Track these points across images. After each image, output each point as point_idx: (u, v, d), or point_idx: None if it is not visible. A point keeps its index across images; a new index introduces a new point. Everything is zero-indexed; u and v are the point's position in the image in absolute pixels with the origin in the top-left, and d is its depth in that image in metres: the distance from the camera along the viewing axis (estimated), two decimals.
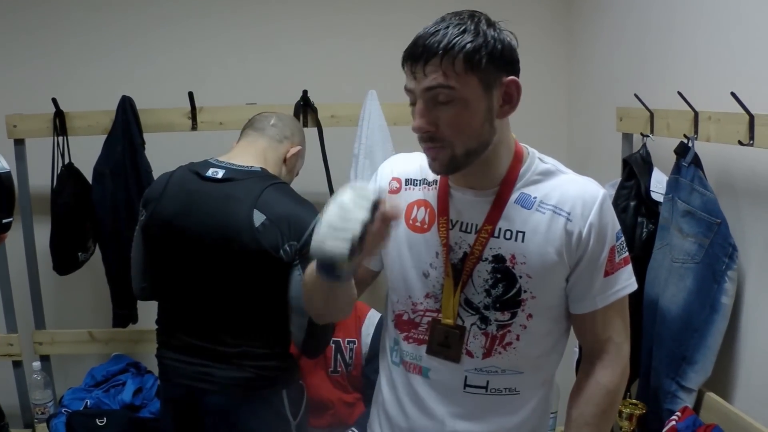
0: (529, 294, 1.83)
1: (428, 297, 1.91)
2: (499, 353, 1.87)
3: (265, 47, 4.02)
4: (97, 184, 3.50)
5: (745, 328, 2.62)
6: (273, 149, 2.67)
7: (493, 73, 1.70)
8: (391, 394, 2.05)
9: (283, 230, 2.42)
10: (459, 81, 1.66)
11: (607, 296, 1.88)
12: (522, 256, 1.81)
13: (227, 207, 2.45)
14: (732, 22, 2.67)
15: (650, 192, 2.94)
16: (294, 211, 2.46)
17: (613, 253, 1.86)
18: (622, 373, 1.93)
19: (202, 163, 2.60)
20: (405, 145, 2.35)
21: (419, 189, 1.95)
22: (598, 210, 1.81)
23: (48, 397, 3.59)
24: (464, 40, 1.65)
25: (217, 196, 2.48)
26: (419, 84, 1.69)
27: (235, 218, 2.43)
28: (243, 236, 2.41)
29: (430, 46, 1.66)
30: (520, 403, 1.94)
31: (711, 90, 2.70)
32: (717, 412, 2.60)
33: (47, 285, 3.78)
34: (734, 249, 2.54)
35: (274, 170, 2.64)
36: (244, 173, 2.52)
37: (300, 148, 2.77)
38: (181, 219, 2.52)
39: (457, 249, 1.87)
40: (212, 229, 2.46)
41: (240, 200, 2.45)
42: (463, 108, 1.69)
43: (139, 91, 3.60)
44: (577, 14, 4.09)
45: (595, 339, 1.93)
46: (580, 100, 4.12)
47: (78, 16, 3.88)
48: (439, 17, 1.72)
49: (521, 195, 1.84)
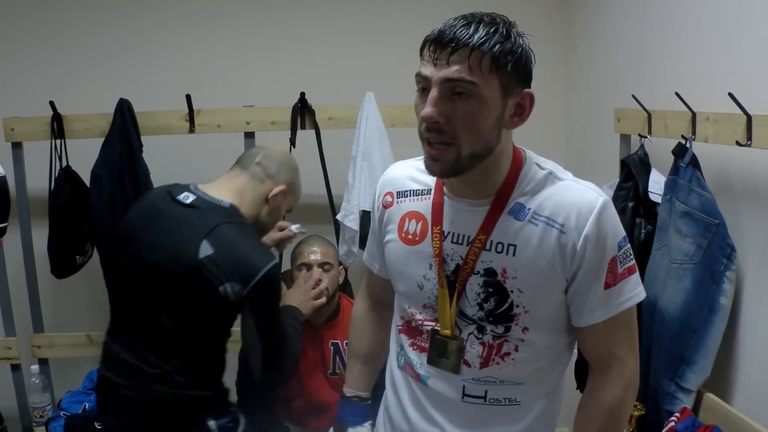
0: (522, 308, 1.77)
1: (426, 308, 1.89)
2: (497, 363, 1.82)
3: (263, 50, 4.03)
4: (94, 187, 3.50)
5: (744, 329, 2.62)
6: (253, 188, 2.64)
7: (513, 81, 1.66)
8: (395, 397, 2.04)
9: (228, 269, 2.37)
10: (482, 79, 1.60)
11: (609, 309, 1.78)
12: (513, 270, 1.75)
13: (180, 231, 2.45)
14: (729, 23, 2.67)
15: (648, 193, 2.94)
16: (244, 253, 2.41)
17: (615, 263, 1.76)
18: (625, 388, 1.84)
19: (182, 186, 2.61)
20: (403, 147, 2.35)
21: (410, 200, 1.92)
22: (594, 220, 1.71)
23: (46, 401, 3.59)
24: (495, 40, 1.60)
25: (176, 218, 2.48)
26: (439, 71, 1.61)
27: (184, 244, 2.41)
28: (185, 263, 2.38)
29: (460, 36, 1.58)
30: (522, 413, 1.88)
31: (709, 91, 2.70)
32: (716, 413, 2.60)
33: (45, 288, 3.78)
34: (732, 249, 2.54)
35: (251, 209, 2.62)
36: (210, 205, 2.51)
37: (284, 187, 2.68)
38: (138, 230, 2.56)
39: (449, 261, 1.82)
40: (161, 248, 2.46)
41: (194, 228, 2.43)
42: (480, 106, 1.62)
43: (137, 93, 3.60)
44: (574, 16, 4.10)
45: (598, 353, 1.86)
46: (577, 101, 4.12)
47: (75, 20, 3.88)
48: (467, 14, 1.65)
49: (516, 205, 1.76)
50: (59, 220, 3.53)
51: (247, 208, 2.58)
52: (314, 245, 3.18)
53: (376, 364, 2.25)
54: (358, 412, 2.21)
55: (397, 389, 2.02)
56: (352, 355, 2.30)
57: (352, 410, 2.22)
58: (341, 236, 3.66)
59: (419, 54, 1.68)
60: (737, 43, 2.62)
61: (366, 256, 2.21)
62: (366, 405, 2.22)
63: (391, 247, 1.95)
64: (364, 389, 2.24)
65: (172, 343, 2.48)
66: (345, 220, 3.58)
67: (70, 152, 3.57)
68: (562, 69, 4.19)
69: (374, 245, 2.13)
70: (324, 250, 3.20)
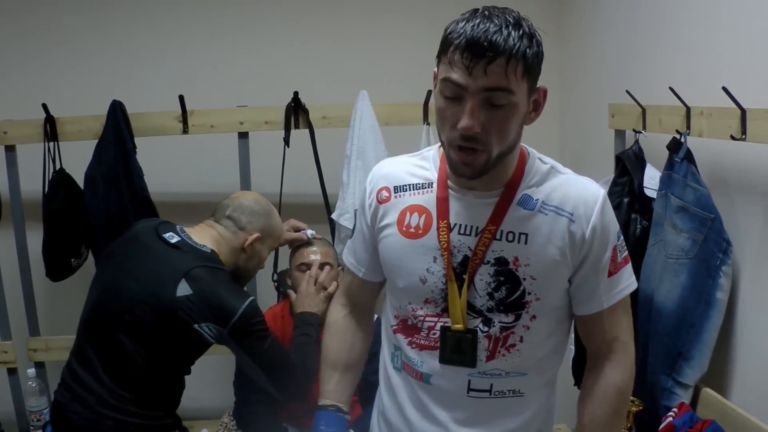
0: (534, 296, 1.81)
1: (427, 302, 1.88)
2: (503, 355, 1.85)
3: (256, 49, 4.02)
4: (88, 189, 3.48)
5: (740, 323, 2.62)
6: (227, 240, 2.74)
7: (536, 81, 1.69)
8: (391, 400, 2.03)
9: (205, 310, 2.46)
10: (517, 86, 1.62)
11: (612, 296, 1.87)
12: (525, 258, 1.79)
13: (161, 268, 2.54)
14: (723, 17, 2.67)
15: (643, 188, 2.94)
16: (219, 295, 2.51)
17: (616, 252, 1.85)
18: (630, 371, 1.92)
19: (169, 225, 2.73)
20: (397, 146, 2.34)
21: (410, 194, 1.92)
22: (600, 210, 1.80)
23: (43, 404, 3.58)
24: (526, 44, 1.60)
25: (159, 256, 2.58)
26: (476, 82, 1.59)
27: (162, 280, 2.50)
28: (162, 298, 2.47)
29: (496, 45, 1.57)
30: (524, 405, 1.91)
31: (703, 85, 2.69)
32: (714, 408, 2.60)
33: (41, 291, 3.78)
34: (728, 244, 2.53)
35: (229, 257, 2.73)
36: (192, 248, 2.61)
37: (258, 235, 2.76)
38: (120, 260, 2.67)
39: (456, 252, 1.83)
40: (139, 280, 2.54)
41: (175, 267, 2.52)
42: (514, 113, 1.65)
43: (130, 95, 3.58)
44: (567, 11, 4.09)
45: (603, 339, 1.91)
46: (572, 97, 4.12)
47: (67, 22, 3.87)
48: (484, 10, 1.63)
49: (524, 196, 1.81)
50: (54, 223, 3.52)
51: (225, 257, 2.70)
52: (314, 245, 3.17)
53: (354, 374, 2.19)
54: (334, 422, 2.10)
55: (394, 391, 2.01)
56: (329, 365, 2.18)
57: (326, 420, 2.10)
58: (336, 235, 3.65)
59: (442, 54, 1.67)
60: (730, 37, 2.62)
61: (350, 260, 2.16)
62: (344, 418, 2.11)
63: (388, 242, 1.93)
64: (343, 401, 2.13)
65: (136, 373, 2.54)
66: (340, 219, 3.58)
67: (63, 155, 3.56)
68: (556, 65, 4.18)
69: (361, 247, 2.09)
70: (324, 251, 3.19)
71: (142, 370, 2.52)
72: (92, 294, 2.69)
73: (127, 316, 2.50)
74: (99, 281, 2.71)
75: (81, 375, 2.58)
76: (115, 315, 2.53)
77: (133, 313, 2.49)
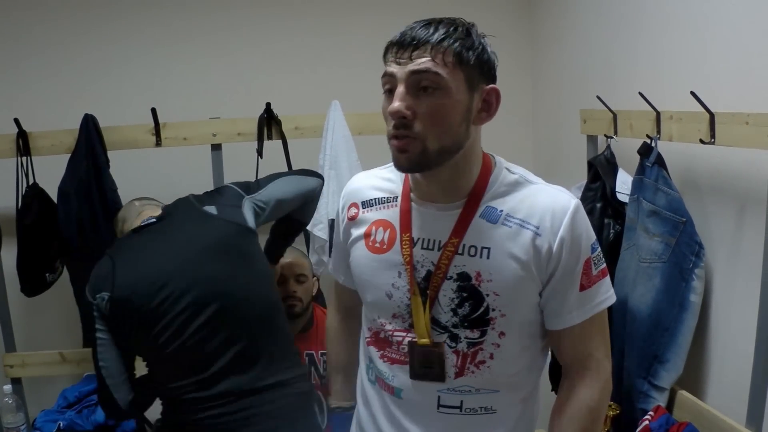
0: (498, 312, 1.75)
1: (395, 317, 1.87)
2: (472, 372, 1.81)
3: (227, 61, 4.01)
4: (62, 203, 3.45)
5: (714, 325, 2.64)
6: None
7: (477, 76, 1.68)
8: (366, 411, 2.03)
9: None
10: (447, 71, 1.62)
11: (584, 311, 1.79)
12: (488, 273, 1.74)
13: (204, 222, 2.63)
14: (690, 23, 2.70)
15: (616, 193, 2.96)
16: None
17: (589, 265, 1.77)
18: (602, 389, 1.84)
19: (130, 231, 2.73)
20: (370, 155, 2.34)
21: (377, 209, 1.91)
22: (569, 222, 1.72)
23: (20, 420, 3.54)
24: (456, 37, 1.64)
25: (171, 230, 2.64)
26: (403, 69, 1.64)
27: (222, 222, 2.63)
28: (241, 228, 2.63)
29: (420, 36, 1.63)
30: (498, 422, 1.86)
31: (672, 90, 2.72)
32: (690, 410, 2.61)
33: (16, 307, 3.73)
34: (701, 247, 2.55)
35: None
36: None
37: None
38: (162, 270, 2.50)
39: (419, 267, 1.80)
40: (210, 237, 2.61)
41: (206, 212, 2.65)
42: (446, 98, 1.63)
43: (102, 108, 3.56)
44: (539, 19, 4.11)
45: (575, 356, 1.85)
46: (544, 103, 4.14)
47: (37, 35, 3.84)
48: (432, 19, 1.69)
49: (487, 209, 1.76)
50: (28, 238, 3.49)
51: None
52: (288, 257, 3.17)
53: (357, 372, 2.21)
54: (345, 422, 2.21)
55: (369, 404, 2.01)
56: (333, 368, 2.32)
57: (338, 422, 2.26)
58: (311, 246, 3.65)
59: (383, 59, 1.71)
60: (699, 43, 2.65)
61: (331, 268, 2.22)
62: (350, 414, 2.21)
63: (357, 257, 1.93)
64: (348, 398, 2.26)
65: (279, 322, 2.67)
66: (314, 229, 3.57)
67: (36, 169, 3.52)
68: (527, 72, 4.22)
69: (339, 257, 2.12)
70: (299, 262, 3.19)
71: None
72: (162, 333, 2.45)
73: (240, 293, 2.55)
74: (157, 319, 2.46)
75: (251, 375, 2.49)
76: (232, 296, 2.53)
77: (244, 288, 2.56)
